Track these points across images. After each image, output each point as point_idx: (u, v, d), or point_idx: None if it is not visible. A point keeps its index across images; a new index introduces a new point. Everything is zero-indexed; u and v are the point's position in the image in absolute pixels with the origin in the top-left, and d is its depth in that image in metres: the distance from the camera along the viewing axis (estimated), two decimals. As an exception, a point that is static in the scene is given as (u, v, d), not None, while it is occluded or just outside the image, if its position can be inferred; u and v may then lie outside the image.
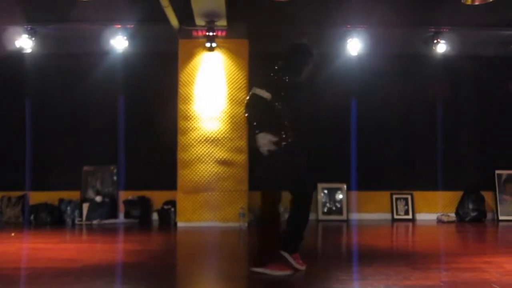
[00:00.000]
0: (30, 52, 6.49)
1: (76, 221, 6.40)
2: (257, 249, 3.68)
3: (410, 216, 6.83)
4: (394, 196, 6.90)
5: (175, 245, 5.45)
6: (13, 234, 5.57)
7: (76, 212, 6.42)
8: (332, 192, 6.87)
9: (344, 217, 6.77)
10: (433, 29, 6.47)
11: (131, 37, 6.39)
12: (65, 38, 6.68)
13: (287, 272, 3.46)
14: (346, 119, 6.67)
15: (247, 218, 6.16)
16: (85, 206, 6.41)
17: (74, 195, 6.62)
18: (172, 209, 6.34)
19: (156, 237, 5.91)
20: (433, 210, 6.87)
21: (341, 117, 6.71)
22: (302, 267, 3.53)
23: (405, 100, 6.96)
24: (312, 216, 6.62)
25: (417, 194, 6.92)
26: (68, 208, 6.45)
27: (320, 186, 6.78)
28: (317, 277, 3.49)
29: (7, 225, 6.40)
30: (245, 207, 6.16)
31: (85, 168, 6.68)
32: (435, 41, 6.44)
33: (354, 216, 6.82)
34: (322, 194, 6.82)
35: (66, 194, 6.66)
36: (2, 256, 4.40)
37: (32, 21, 6.25)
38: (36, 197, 6.65)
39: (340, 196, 6.85)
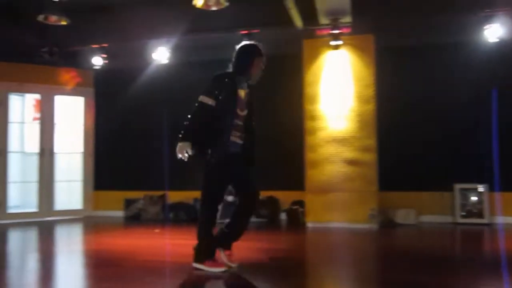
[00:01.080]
0: (167, 63, 7.04)
1: (210, 219, 6.74)
2: None
3: None
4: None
5: (305, 245, 5.45)
6: (157, 231, 6.06)
7: (210, 211, 6.76)
8: (469, 193, 6.30)
9: (485, 220, 6.17)
10: None
11: (257, 42, 6.52)
12: (195, 48, 7.10)
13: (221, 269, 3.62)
14: (484, 113, 6.10)
15: (378, 220, 5.94)
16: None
17: (207, 194, 6.99)
18: (301, 209, 6.37)
19: (286, 236, 5.97)
20: None
21: (480, 111, 6.16)
22: (233, 265, 3.68)
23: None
24: (448, 219, 6.25)
25: None
26: (203, 207, 6.81)
27: (457, 187, 6.27)
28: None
29: (150, 221, 6.99)
30: (375, 208, 5.95)
31: (217, 169, 7.00)
32: None
33: (499, 219, 6.17)
34: (459, 196, 6.29)
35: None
36: (149, 249, 4.81)
37: (167, 33, 6.77)
38: (174, 196, 7.18)
39: (479, 197, 6.25)
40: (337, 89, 6.18)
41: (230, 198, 6.69)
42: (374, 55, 6.16)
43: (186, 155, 3.63)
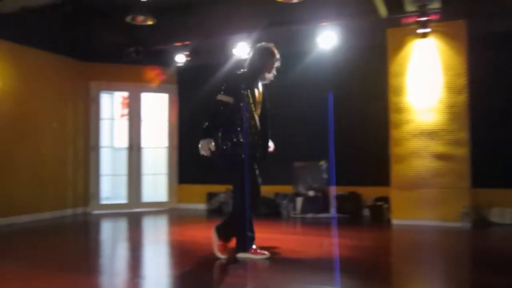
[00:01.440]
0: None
1: (291, 214, 6.73)
2: None
3: None
4: None
5: (390, 242, 5.23)
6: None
7: (291, 206, 6.74)
8: None
9: None
10: None
11: (339, 33, 6.40)
12: (275, 41, 7.05)
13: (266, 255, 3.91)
14: None
15: (470, 218, 5.56)
16: (299, 200, 6.69)
17: (288, 189, 6.96)
18: (385, 205, 6.14)
19: (370, 233, 5.78)
20: None
21: None
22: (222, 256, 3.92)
23: None
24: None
25: None
26: (284, 201, 6.81)
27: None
28: None
29: (232, 215, 7.10)
30: (468, 206, 5.57)
31: (296, 163, 6.94)
32: None
33: None
34: None
35: (280, 188, 7.05)
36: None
37: (248, 28, 6.80)
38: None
39: None
40: (425, 79, 5.85)
41: (311, 193, 6.62)
42: (465, 42, 5.76)
43: (209, 151, 3.82)
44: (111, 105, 8.88)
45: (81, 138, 7.50)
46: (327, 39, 6.39)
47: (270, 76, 4.05)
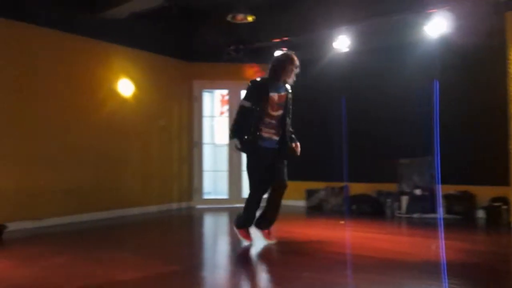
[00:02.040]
0: (346, 51, 6.88)
1: (396, 214, 6.40)
2: None
3: None
4: None
5: (510, 248, 4.74)
6: (342, 222, 5.98)
7: (395, 205, 6.41)
8: None
9: None
10: None
11: (449, 20, 5.93)
12: (376, 32, 6.77)
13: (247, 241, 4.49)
14: None
15: None
16: (404, 199, 6.33)
17: (391, 187, 6.64)
18: (504, 206, 5.57)
19: (486, 237, 5.30)
20: None
21: None
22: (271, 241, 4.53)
23: None
24: None
25: None
26: (388, 200, 6.50)
27: None
28: None
29: (331, 212, 6.95)
30: None
31: (401, 160, 6.58)
32: None
33: None
34: None
35: (383, 186, 6.75)
36: (338, 241, 4.74)
37: (347, 21, 6.58)
38: (355, 188, 7.00)
39: None
40: (552, 66, 5.22)
41: (417, 192, 6.25)
42: None
43: (236, 148, 4.31)
44: (212, 103, 9.16)
45: (185, 135, 7.83)
46: (435, 27, 5.94)
47: (290, 81, 4.48)
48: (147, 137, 7.19)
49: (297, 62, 4.41)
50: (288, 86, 4.51)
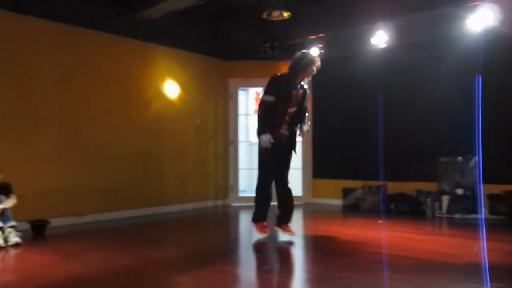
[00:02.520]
0: (383, 47, 6.73)
1: (436, 214, 6.21)
2: None
3: None
4: None
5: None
6: (380, 222, 5.85)
7: (436, 204, 6.22)
8: None
9: None
10: None
11: (493, 13, 5.69)
12: (415, 27, 6.58)
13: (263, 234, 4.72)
14: None
15: None
16: (445, 199, 6.14)
17: (431, 186, 6.45)
18: (553, 207, 5.32)
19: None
20: None
21: None
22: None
23: None
24: None
25: None
26: (428, 199, 6.32)
27: None
28: None
29: (368, 211, 6.82)
30: None
31: (441, 158, 6.38)
32: None
33: None
34: None
35: (422, 185, 6.57)
36: (377, 241, 4.63)
37: (385, 15, 6.43)
38: (393, 187, 6.85)
39: None
40: None
41: (459, 191, 6.04)
42: None
43: (269, 145, 4.42)
44: (246, 101, 9.15)
45: (220, 133, 7.86)
46: (478, 20, 5.72)
47: (306, 80, 4.64)
48: (184, 135, 7.26)
49: (318, 63, 4.53)
50: (304, 84, 4.66)
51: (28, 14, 5.42)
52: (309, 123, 4.79)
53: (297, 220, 6.69)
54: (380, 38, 6.57)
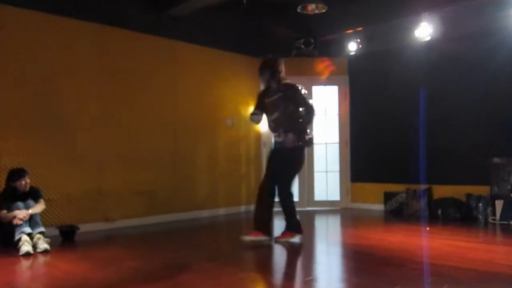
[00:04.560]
0: (427, 41, 6.28)
1: (490, 220, 5.70)
2: None
3: None
4: None
5: None
6: (428, 228, 5.41)
7: (489, 210, 5.71)
8: None
9: None
10: None
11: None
12: (460, 19, 6.11)
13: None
14: None
15: None
16: (498, 204, 5.62)
17: (481, 190, 5.94)
18: None
19: None
20: None
21: None
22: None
23: None
24: None
25: None
26: (480, 204, 5.82)
27: None
28: None
29: (412, 217, 6.36)
30: None
31: (494, 160, 5.86)
32: None
33: None
34: None
35: (471, 189, 6.07)
36: (428, 250, 4.22)
37: (428, 6, 5.99)
38: (440, 191, 6.37)
39: None
40: None
41: (516, 195, 5.51)
42: None
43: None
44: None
45: (252, 135, 7.56)
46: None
47: (273, 85, 4.72)
48: (216, 138, 7.01)
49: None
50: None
51: (59, 14, 5.30)
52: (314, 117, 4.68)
53: (335, 227, 6.34)
54: (423, 31, 6.12)
